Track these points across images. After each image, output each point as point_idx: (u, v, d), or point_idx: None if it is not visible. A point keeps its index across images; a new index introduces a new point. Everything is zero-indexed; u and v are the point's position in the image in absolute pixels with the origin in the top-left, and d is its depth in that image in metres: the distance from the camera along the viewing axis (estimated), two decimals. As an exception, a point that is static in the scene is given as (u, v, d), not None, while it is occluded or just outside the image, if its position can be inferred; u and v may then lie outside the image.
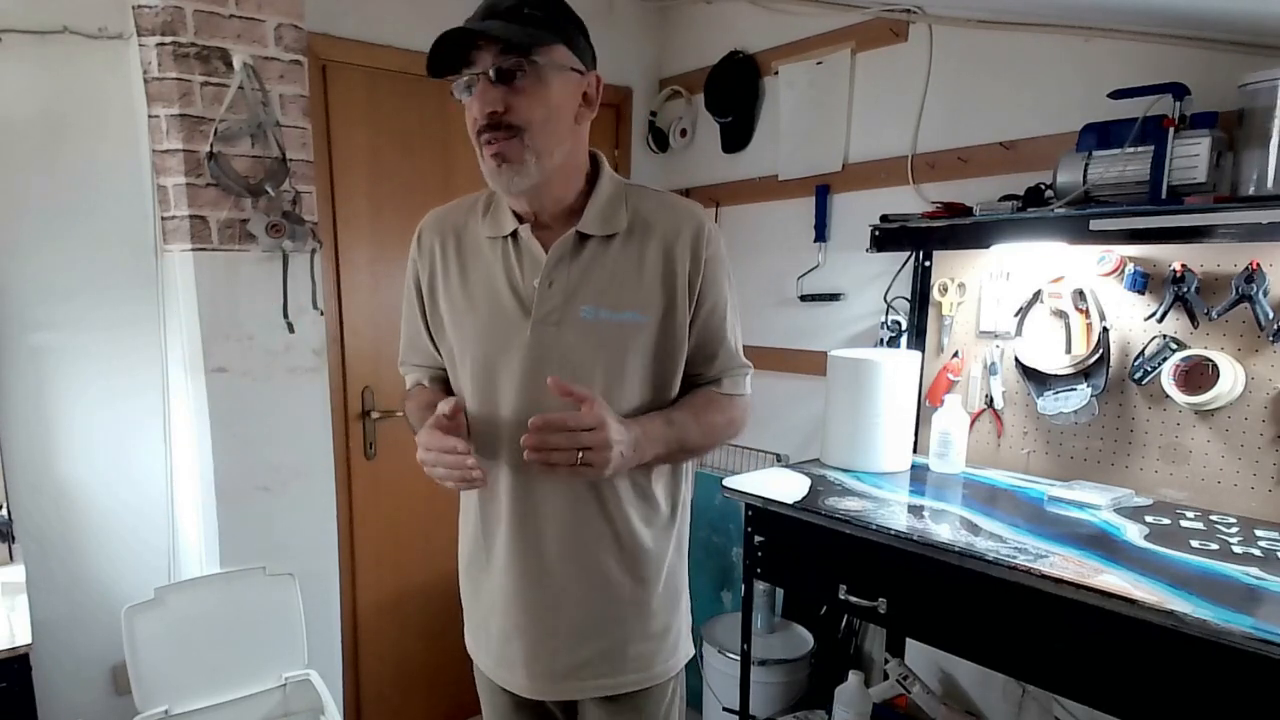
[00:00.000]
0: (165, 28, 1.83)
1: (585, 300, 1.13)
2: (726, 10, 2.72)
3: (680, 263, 1.15)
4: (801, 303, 2.56)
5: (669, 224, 1.16)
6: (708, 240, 1.17)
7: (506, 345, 1.14)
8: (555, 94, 1.07)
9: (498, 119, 1.05)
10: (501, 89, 1.04)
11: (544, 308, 1.13)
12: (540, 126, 1.06)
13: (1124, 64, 1.82)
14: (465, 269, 1.20)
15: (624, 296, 1.13)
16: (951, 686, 2.29)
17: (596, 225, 1.14)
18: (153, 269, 2.05)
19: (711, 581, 2.76)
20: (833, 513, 1.71)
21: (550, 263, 1.13)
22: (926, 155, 2.22)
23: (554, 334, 1.12)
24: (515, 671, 1.23)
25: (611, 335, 1.13)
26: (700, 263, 1.16)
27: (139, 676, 1.84)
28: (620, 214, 1.15)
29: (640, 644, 1.22)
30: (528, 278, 1.14)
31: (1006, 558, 1.44)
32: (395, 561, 2.55)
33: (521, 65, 1.03)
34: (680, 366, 1.19)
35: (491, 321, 1.16)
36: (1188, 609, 1.23)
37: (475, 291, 1.18)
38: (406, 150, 2.46)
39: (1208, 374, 1.67)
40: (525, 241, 1.15)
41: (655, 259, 1.14)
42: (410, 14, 2.37)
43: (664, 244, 1.15)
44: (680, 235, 1.15)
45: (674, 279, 1.15)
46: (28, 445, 1.97)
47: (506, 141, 1.06)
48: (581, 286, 1.13)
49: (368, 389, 2.45)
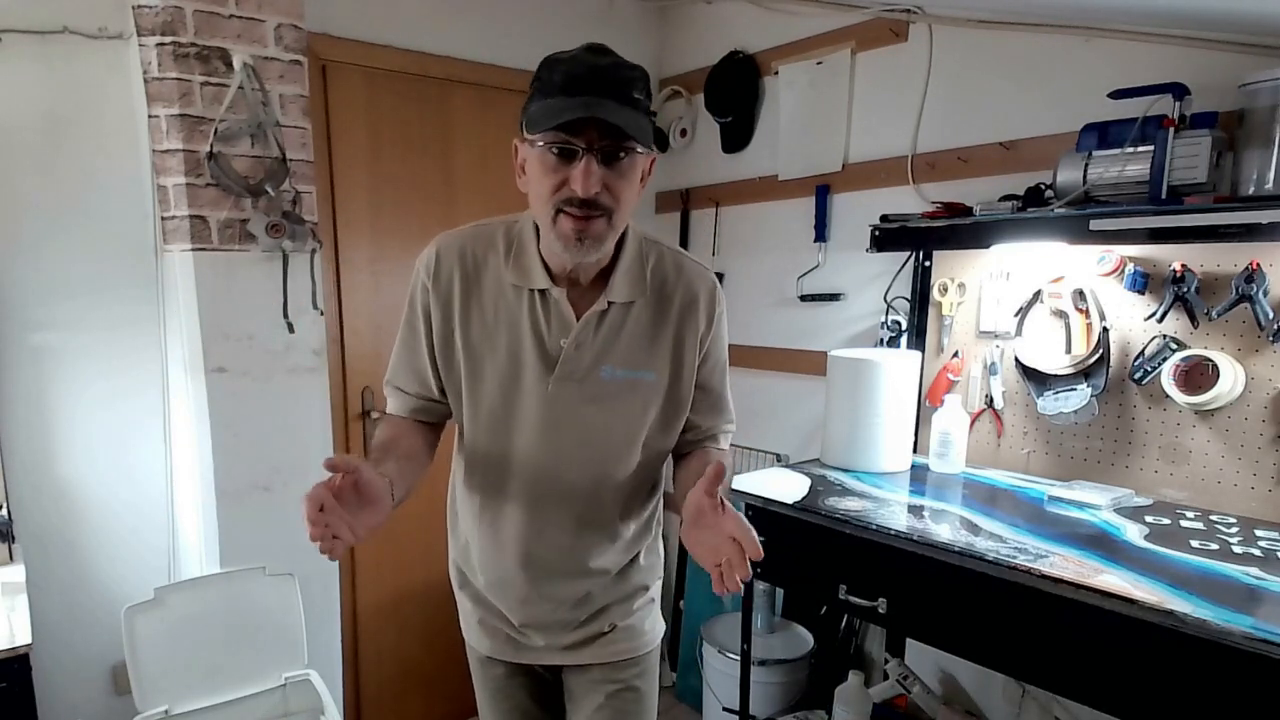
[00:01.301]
0: (165, 28, 1.83)
1: (606, 361, 1.18)
2: (726, 10, 2.72)
3: (693, 324, 1.22)
4: (801, 303, 2.56)
5: (685, 288, 1.23)
6: (718, 301, 1.26)
7: (526, 395, 1.18)
8: (638, 176, 1.10)
9: (595, 199, 1.05)
10: (603, 170, 1.04)
11: (568, 366, 1.17)
12: (624, 207, 1.09)
13: (1124, 64, 1.82)
14: (485, 311, 1.19)
15: (640, 357, 1.20)
16: (951, 686, 2.29)
17: (623, 293, 1.18)
18: (153, 269, 2.05)
19: (712, 582, 2.76)
20: (833, 513, 1.71)
21: (580, 328, 1.16)
22: (926, 155, 2.22)
23: (574, 389, 1.18)
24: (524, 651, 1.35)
25: (626, 392, 1.19)
26: (712, 323, 1.25)
27: (139, 676, 1.84)
28: (643, 279, 1.20)
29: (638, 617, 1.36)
30: (554, 336, 1.17)
31: (1006, 558, 1.44)
32: (395, 561, 2.55)
33: (625, 149, 1.05)
34: (683, 420, 1.27)
35: (513, 371, 1.18)
36: (1188, 609, 1.23)
37: (497, 339, 1.18)
38: (406, 150, 2.46)
39: (1208, 374, 1.67)
40: (557, 302, 1.16)
41: (672, 322, 1.21)
42: (410, 14, 2.37)
43: (680, 307, 1.22)
44: (697, 299, 1.23)
45: (684, 340, 1.22)
46: (28, 445, 1.97)
47: (596, 221, 1.06)
48: (605, 350, 1.18)
49: (368, 389, 2.45)
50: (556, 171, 1.04)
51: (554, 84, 1.03)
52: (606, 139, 1.02)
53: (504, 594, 1.30)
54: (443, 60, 2.45)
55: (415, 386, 1.26)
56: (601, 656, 1.33)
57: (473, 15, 2.48)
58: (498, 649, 1.36)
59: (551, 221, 1.08)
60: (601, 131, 1.02)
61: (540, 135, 1.04)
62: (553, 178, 1.05)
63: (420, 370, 1.25)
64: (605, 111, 1.00)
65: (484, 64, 2.52)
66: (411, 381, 1.26)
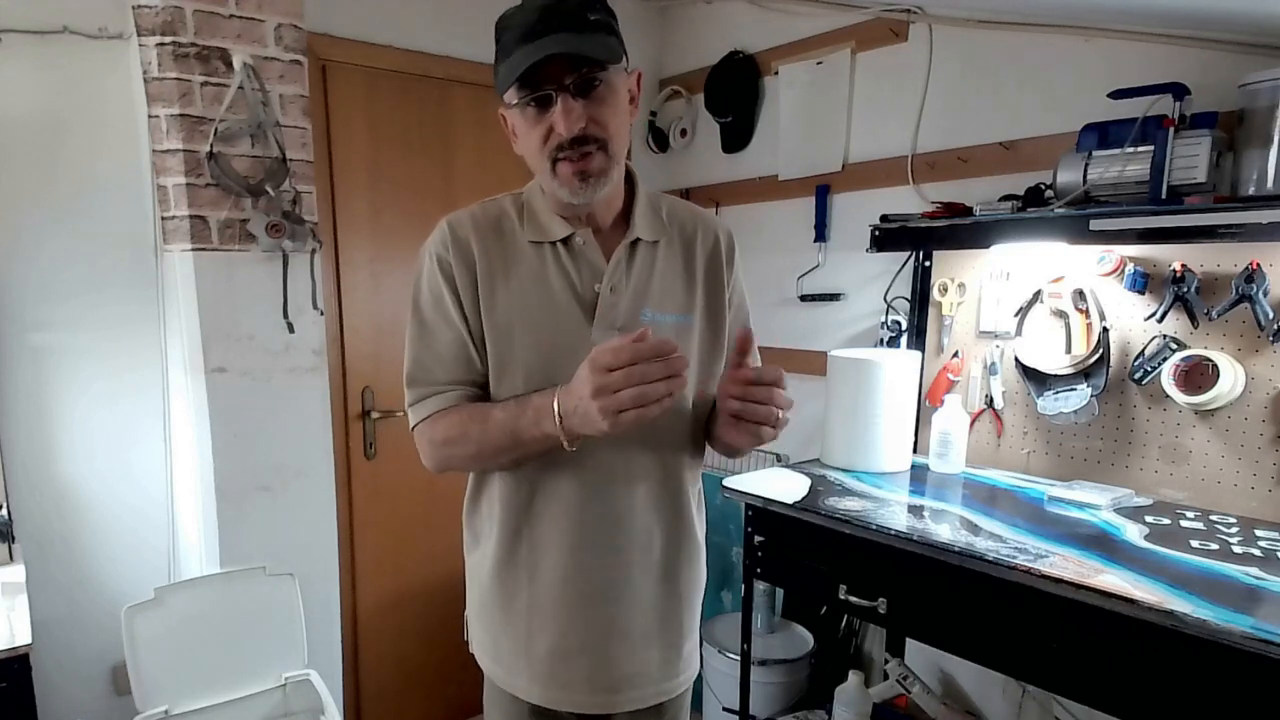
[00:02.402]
0: (165, 28, 1.83)
1: (644, 304, 1.13)
2: (726, 10, 2.72)
3: (717, 266, 1.20)
4: (801, 303, 2.56)
5: (704, 230, 1.21)
6: (735, 246, 1.25)
7: (567, 351, 1.08)
8: (621, 98, 1.07)
9: (584, 134, 1.02)
10: (582, 103, 1.01)
11: (608, 313, 1.11)
12: (617, 135, 1.06)
13: (1124, 64, 1.82)
14: (510, 272, 1.12)
15: (674, 299, 1.16)
16: (951, 686, 2.29)
17: (646, 231, 1.15)
18: (153, 269, 2.05)
19: (712, 581, 2.75)
20: (833, 513, 1.71)
21: (611, 268, 1.12)
22: (926, 155, 2.22)
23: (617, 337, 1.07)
24: (575, 690, 1.18)
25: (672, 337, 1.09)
26: (734, 265, 1.23)
27: (139, 676, 1.84)
28: (660, 220, 1.18)
29: (688, 642, 1.26)
30: (587, 283, 1.12)
31: (1006, 558, 1.44)
32: (395, 562, 2.55)
33: (597, 76, 1.02)
34: (722, 365, 1.22)
35: (550, 328, 1.11)
36: (1188, 609, 1.23)
37: (528, 300, 1.11)
38: (406, 150, 2.46)
39: (1208, 374, 1.67)
40: (583, 247, 1.12)
41: (700, 264, 1.19)
42: (410, 14, 2.37)
43: (705, 250, 1.20)
44: (719, 242, 1.21)
45: (715, 281, 1.20)
46: (28, 445, 1.97)
47: (592, 156, 1.04)
48: (641, 291, 1.14)
49: (368, 389, 2.45)
50: (539, 122, 1.03)
51: (511, 40, 1.01)
52: (573, 72, 1.00)
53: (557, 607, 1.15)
54: (443, 60, 2.45)
55: (460, 372, 1.13)
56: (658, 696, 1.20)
57: (473, 15, 2.47)
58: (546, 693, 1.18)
59: (551, 173, 1.06)
60: (566, 66, 0.99)
61: (514, 93, 1.03)
62: (538, 129, 1.04)
63: (461, 350, 1.13)
64: (561, 44, 0.98)
65: (484, 64, 2.48)
66: (452, 368, 1.13)
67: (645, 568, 1.18)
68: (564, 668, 1.16)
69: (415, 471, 1.13)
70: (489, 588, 1.20)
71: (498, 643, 1.21)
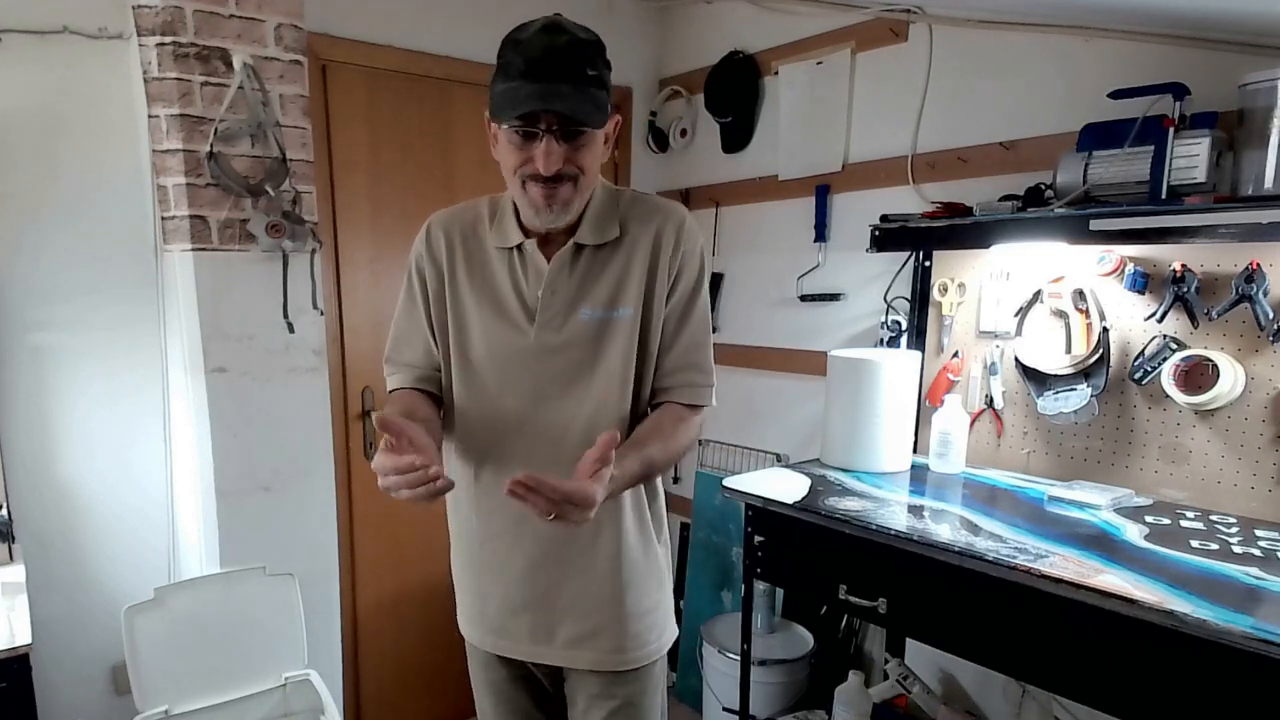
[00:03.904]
0: (165, 28, 1.84)
1: (583, 304, 1.22)
2: (726, 10, 2.72)
3: (663, 253, 1.24)
4: (801, 303, 2.56)
5: (656, 222, 1.25)
6: (686, 230, 1.26)
7: (512, 347, 1.23)
8: (600, 143, 1.18)
9: (559, 172, 1.13)
10: (564, 147, 1.12)
11: (547, 313, 1.22)
12: (589, 171, 1.17)
13: (1124, 64, 1.82)
14: (473, 273, 1.26)
15: (616, 295, 1.23)
16: (951, 686, 2.29)
17: (591, 236, 1.23)
18: (153, 269, 2.05)
19: (711, 581, 2.76)
20: (833, 513, 1.71)
21: (551, 272, 1.22)
22: (926, 155, 2.22)
23: (555, 336, 1.22)
24: (520, 641, 1.31)
25: (606, 331, 1.22)
26: (678, 249, 1.25)
27: (139, 676, 1.84)
28: (612, 223, 1.24)
29: (634, 621, 1.30)
30: (531, 287, 1.23)
31: (1006, 558, 1.44)
32: (395, 561, 2.55)
33: (583, 128, 1.12)
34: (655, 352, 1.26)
35: (498, 325, 1.24)
36: (1188, 609, 1.23)
37: (483, 296, 1.25)
38: (406, 150, 2.46)
39: (1208, 374, 1.67)
40: (530, 254, 1.23)
41: (642, 256, 1.23)
42: (410, 14, 2.37)
43: (651, 241, 1.24)
44: (665, 229, 1.24)
45: (656, 273, 1.23)
46: (28, 445, 1.97)
47: (562, 187, 1.14)
48: (579, 292, 1.22)
49: (368, 389, 2.45)
50: (521, 150, 1.13)
51: (515, 68, 1.09)
52: (564, 123, 1.10)
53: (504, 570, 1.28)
54: (443, 60, 2.45)
55: (417, 357, 1.30)
56: (603, 663, 1.29)
57: (473, 15, 2.47)
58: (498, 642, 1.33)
59: (522, 189, 1.16)
60: (559, 116, 1.09)
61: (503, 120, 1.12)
62: (518, 155, 1.14)
63: (422, 338, 1.30)
64: (560, 100, 1.08)
65: (484, 64, 2.48)
66: (413, 352, 1.31)
67: (571, 548, 1.25)
68: (511, 623, 1.30)
69: (415, 472, 1.16)
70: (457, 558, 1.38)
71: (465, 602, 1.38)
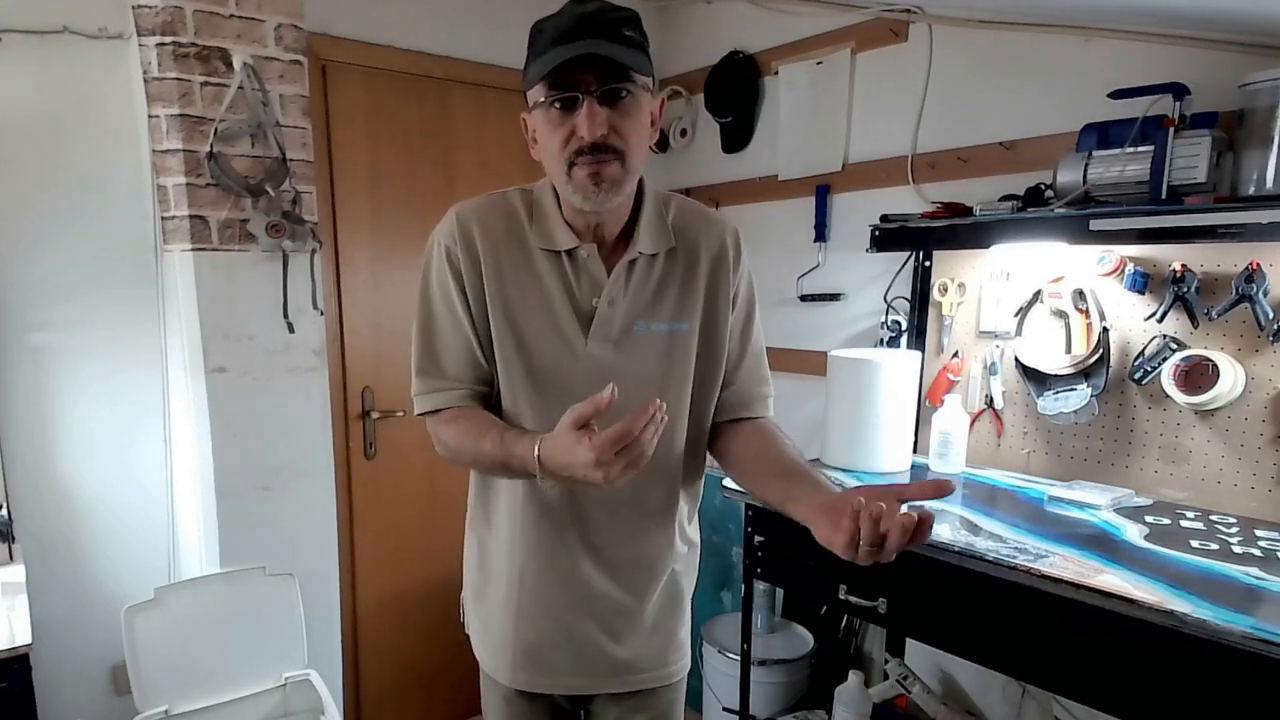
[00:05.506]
0: (165, 28, 1.83)
1: (639, 316, 1.15)
2: (726, 10, 2.72)
3: (724, 272, 1.20)
4: (801, 303, 2.56)
5: (710, 236, 1.21)
6: (742, 248, 1.24)
7: (564, 359, 1.14)
8: (645, 116, 1.09)
9: (604, 141, 1.04)
10: (606, 111, 1.03)
11: (602, 325, 1.14)
12: (636, 149, 1.08)
13: (1124, 64, 1.82)
14: (516, 275, 1.15)
15: (674, 309, 1.17)
16: (951, 686, 2.29)
17: (649, 244, 1.16)
18: (153, 269, 2.05)
19: (711, 581, 2.76)
20: (833, 513, 1.71)
21: (611, 283, 1.14)
22: (926, 155, 2.22)
23: (610, 349, 1.14)
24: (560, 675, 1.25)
25: (662, 346, 1.16)
26: (741, 264, 1.23)
27: (139, 676, 1.84)
28: (665, 230, 1.18)
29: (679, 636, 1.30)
30: (586, 295, 1.14)
31: (1006, 558, 1.44)
32: (395, 561, 2.55)
33: (625, 88, 1.04)
34: (722, 370, 1.23)
35: (549, 335, 1.14)
36: (1188, 609, 1.23)
37: (530, 302, 1.14)
38: (406, 150, 2.46)
39: (1208, 374, 1.67)
40: (586, 260, 1.14)
41: (703, 271, 1.19)
42: (410, 14, 2.37)
43: (710, 256, 1.20)
44: (725, 246, 1.21)
45: (717, 289, 1.20)
46: (28, 445, 1.97)
47: (609, 164, 1.05)
48: (636, 304, 1.15)
49: (368, 389, 2.45)
50: (562, 124, 1.04)
51: (545, 42, 1.03)
52: (604, 81, 1.02)
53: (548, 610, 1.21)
54: (443, 60, 2.45)
55: (463, 369, 1.16)
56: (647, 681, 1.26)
57: (473, 15, 2.47)
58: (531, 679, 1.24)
59: (567, 176, 1.07)
60: (598, 75, 1.01)
61: (540, 91, 1.04)
62: (560, 131, 1.05)
63: (465, 344, 1.16)
64: (598, 48, 0.99)
65: (484, 64, 2.52)
66: (458, 364, 1.16)
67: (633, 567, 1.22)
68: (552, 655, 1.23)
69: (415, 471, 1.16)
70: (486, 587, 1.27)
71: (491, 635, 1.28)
